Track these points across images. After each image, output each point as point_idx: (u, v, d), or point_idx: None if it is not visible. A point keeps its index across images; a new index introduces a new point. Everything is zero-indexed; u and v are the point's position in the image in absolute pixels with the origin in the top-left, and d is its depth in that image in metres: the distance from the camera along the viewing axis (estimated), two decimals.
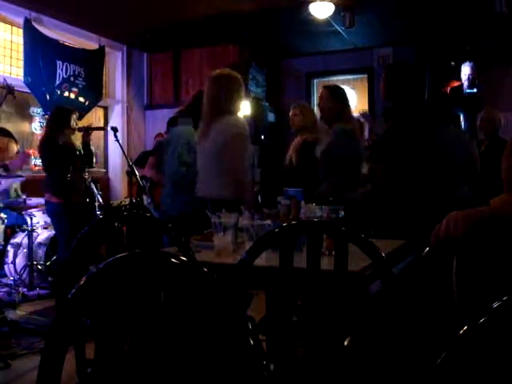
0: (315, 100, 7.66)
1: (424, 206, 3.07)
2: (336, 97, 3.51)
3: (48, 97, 5.75)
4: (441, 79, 6.57)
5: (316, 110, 4.14)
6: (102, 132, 6.37)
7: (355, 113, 4.69)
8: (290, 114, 4.18)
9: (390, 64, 3.46)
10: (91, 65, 6.30)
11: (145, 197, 5.53)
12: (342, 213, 1.99)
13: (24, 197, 4.53)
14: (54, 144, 4.06)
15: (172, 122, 5.42)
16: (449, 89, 6.60)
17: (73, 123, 4.21)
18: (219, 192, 2.77)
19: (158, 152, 4.95)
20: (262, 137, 6.71)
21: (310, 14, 5.55)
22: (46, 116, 5.91)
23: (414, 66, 3.53)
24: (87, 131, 4.36)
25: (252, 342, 0.82)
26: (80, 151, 4.27)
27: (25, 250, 4.55)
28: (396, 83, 3.18)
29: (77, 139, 4.43)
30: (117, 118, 6.85)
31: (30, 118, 5.89)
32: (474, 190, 3.52)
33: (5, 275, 4.67)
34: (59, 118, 4.18)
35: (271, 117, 7.08)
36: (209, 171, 2.85)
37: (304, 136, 4.15)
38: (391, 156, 3.19)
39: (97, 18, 5.85)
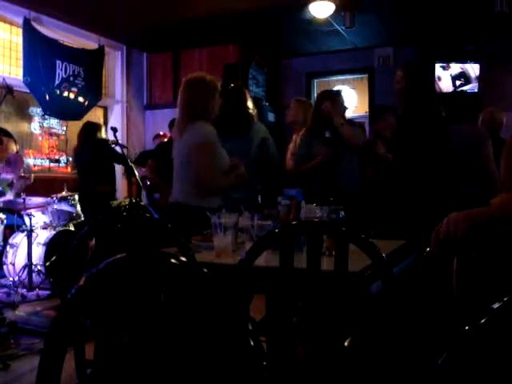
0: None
1: (425, 206, 3.07)
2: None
3: (47, 97, 5.74)
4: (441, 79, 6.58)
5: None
6: None
7: (355, 113, 4.74)
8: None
9: (410, 65, 3.44)
10: (91, 65, 6.29)
11: (144, 194, 5.52)
12: (343, 213, 1.98)
13: (24, 197, 4.53)
14: (108, 147, 5.10)
15: (173, 124, 5.44)
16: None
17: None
18: (183, 198, 2.80)
19: (159, 154, 4.95)
20: None
21: (310, 13, 5.55)
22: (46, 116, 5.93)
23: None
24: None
25: (252, 342, 0.82)
26: None
27: (24, 251, 4.54)
28: (418, 87, 3.21)
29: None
30: (116, 118, 6.85)
31: (29, 118, 5.89)
32: (480, 188, 3.51)
33: (4, 276, 4.66)
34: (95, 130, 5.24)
35: (271, 117, 7.07)
36: (178, 176, 2.87)
37: (297, 132, 4.19)
38: (398, 153, 3.22)
39: (96, 17, 5.84)
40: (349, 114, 6.47)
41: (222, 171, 2.81)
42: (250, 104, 3.46)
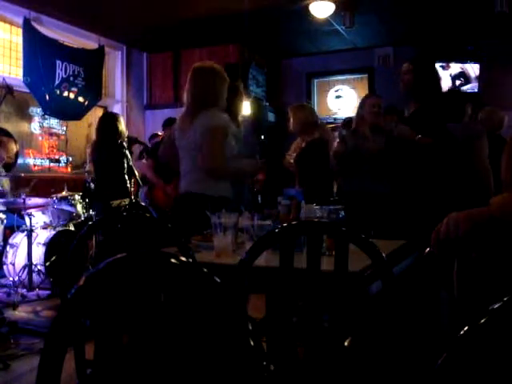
0: (316, 100, 7.66)
1: (424, 206, 3.07)
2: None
3: (47, 97, 5.74)
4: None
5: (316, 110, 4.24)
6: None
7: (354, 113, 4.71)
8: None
9: (417, 60, 3.43)
10: (91, 64, 6.29)
11: (141, 193, 5.51)
12: (343, 213, 1.98)
13: (23, 197, 4.52)
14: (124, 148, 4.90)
15: (168, 123, 5.44)
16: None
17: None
18: (200, 187, 2.73)
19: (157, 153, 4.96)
20: (262, 137, 6.71)
21: (310, 13, 5.55)
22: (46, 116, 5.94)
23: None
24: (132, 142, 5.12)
25: (252, 342, 0.82)
26: None
27: (24, 251, 4.54)
28: (426, 80, 3.22)
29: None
30: None
31: (29, 118, 5.89)
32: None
33: (4, 276, 4.66)
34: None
35: (271, 117, 7.08)
36: (190, 166, 2.80)
37: (302, 137, 4.18)
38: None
39: (96, 17, 5.85)
40: (349, 113, 6.48)
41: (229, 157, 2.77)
42: (241, 102, 3.40)
